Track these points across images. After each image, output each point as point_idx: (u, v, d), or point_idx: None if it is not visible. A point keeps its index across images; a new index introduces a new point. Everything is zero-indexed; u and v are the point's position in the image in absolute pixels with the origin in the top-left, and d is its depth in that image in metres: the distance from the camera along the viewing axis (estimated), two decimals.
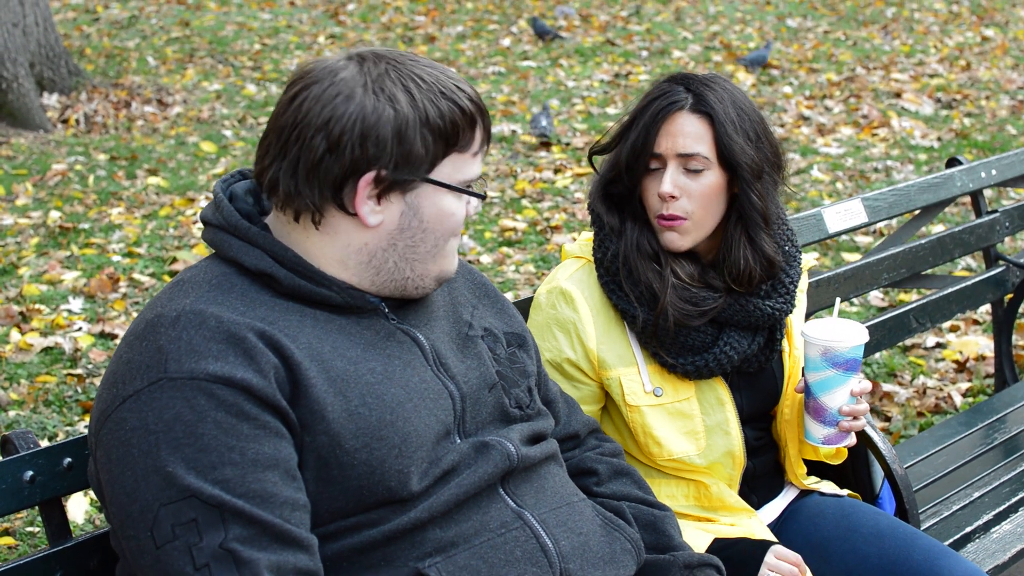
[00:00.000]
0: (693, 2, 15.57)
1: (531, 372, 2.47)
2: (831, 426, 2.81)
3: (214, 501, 1.96)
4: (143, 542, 1.98)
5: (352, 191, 2.15)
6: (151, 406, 2.00)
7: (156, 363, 2.03)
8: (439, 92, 2.16)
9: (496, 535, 2.18)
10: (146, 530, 1.97)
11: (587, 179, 8.73)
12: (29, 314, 6.33)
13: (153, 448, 1.98)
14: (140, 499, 1.98)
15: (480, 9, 14.86)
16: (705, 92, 2.82)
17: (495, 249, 7.34)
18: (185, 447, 1.98)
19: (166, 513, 1.96)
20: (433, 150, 2.16)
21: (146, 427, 2.00)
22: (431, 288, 2.29)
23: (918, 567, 2.84)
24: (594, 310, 2.89)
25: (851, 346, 2.74)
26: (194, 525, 1.95)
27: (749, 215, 2.86)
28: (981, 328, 6.20)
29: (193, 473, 1.97)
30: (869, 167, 8.99)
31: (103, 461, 2.06)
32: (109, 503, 2.05)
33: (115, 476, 2.02)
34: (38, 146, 9.58)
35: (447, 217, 2.22)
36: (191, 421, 1.99)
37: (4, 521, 4.56)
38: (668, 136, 2.81)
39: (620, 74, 12.00)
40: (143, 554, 1.98)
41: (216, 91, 11.38)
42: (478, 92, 2.26)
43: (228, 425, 2.00)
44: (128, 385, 2.04)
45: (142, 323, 2.11)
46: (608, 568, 2.29)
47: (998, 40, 13.56)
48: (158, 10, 14.70)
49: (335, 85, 2.13)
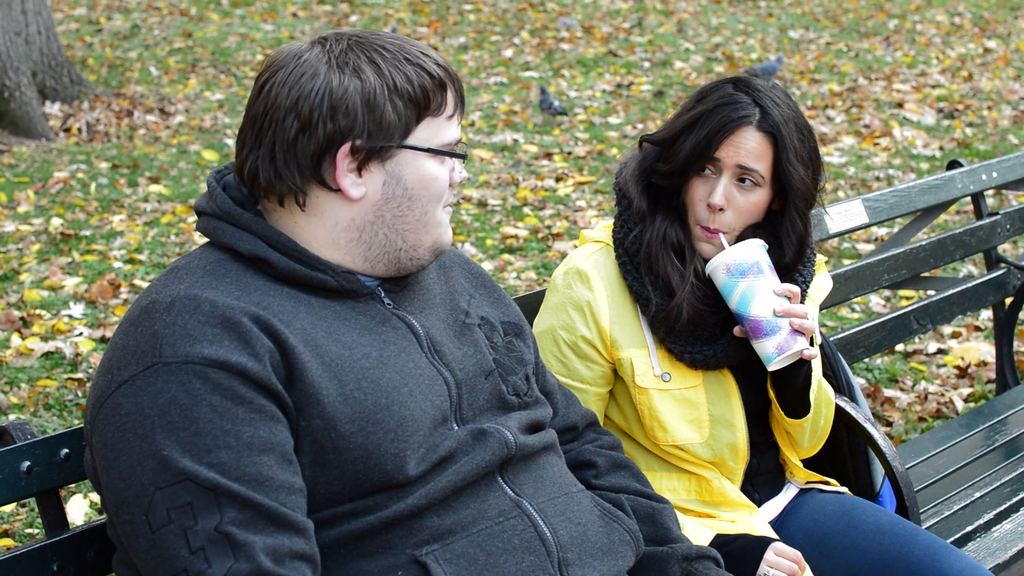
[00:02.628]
0: (695, 14, 15.60)
1: (528, 360, 2.46)
2: (774, 333, 2.75)
3: (209, 484, 1.96)
4: (139, 526, 1.98)
5: (331, 166, 2.16)
6: (146, 391, 2.00)
7: (151, 348, 2.03)
8: (404, 59, 2.18)
9: (494, 523, 2.17)
10: (141, 514, 1.97)
11: (587, 187, 8.73)
12: (30, 319, 6.33)
13: (148, 432, 1.98)
14: (136, 483, 1.98)
15: (483, 21, 14.89)
16: (771, 109, 2.81)
17: (496, 256, 7.34)
18: (180, 431, 1.98)
19: (161, 497, 1.96)
20: (405, 116, 2.17)
21: (141, 411, 1.99)
22: (427, 259, 2.29)
23: (919, 563, 2.83)
24: (609, 290, 2.89)
25: (746, 251, 2.75)
26: (189, 508, 1.95)
27: (788, 238, 2.88)
28: (983, 335, 6.20)
29: (188, 457, 1.96)
30: (871, 176, 8.99)
31: (99, 447, 2.05)
32: (105, 488, 2.05)
33: (111, 461, 2.02)
34: (40, 154, 9.59)
35: (431, 182, 2.23)
36: (186, 405, 1.98)
37: (4, 523, 4.56)
38: (732, 146, 2.80)
39: (622, 84, 12.01)
40: (138, 538, 1.98)
41: (218, 101, 11.39)
42: (446, 60, 2.27)
43: (223, 409, 1.99)
44: (123, 370, 2.04)
45: (137, 309, 2.11)
46: (606, 558, 2.28)
47: (1000, 51, 13.58)
48: (161, 21, 14.72)
49: (300, 67, 2.16)
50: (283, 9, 15.32)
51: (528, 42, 13.80)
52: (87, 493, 4.68)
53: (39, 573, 2.35)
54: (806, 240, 2.90)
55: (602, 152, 9.62)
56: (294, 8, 15.43)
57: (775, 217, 2.89)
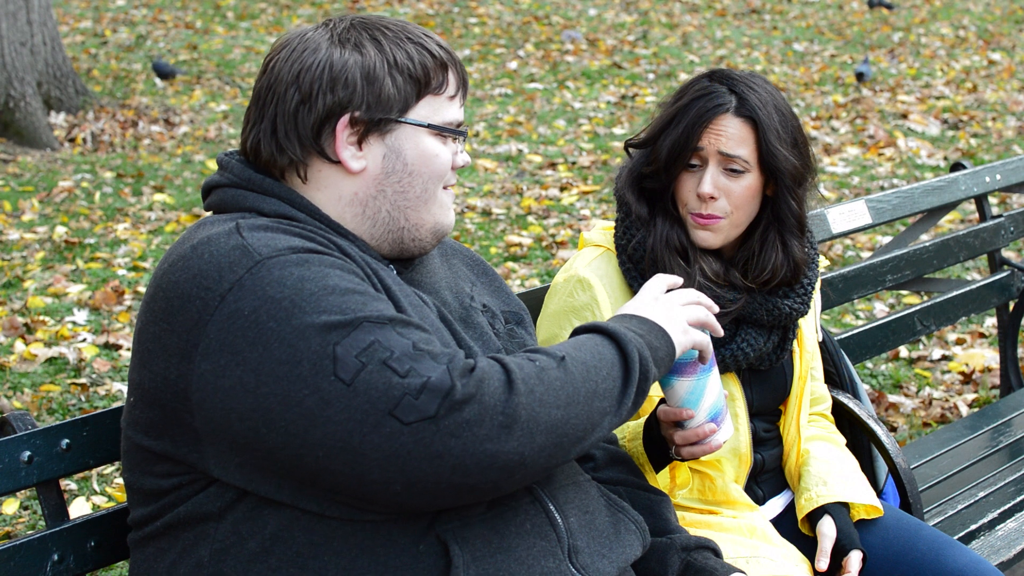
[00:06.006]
0: (700, 27, 15.61)
1: (531, 347, 2.45)
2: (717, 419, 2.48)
3: (384, 318, 1.96)
4: (327, 393, 1.91)
5: (331, 137, 2.18)
6: (265, 282, 1.97)
7: (243, 255, 2.00)
8: (405, 38, 2.21)
9: (507, 507, 2.16)
10: (327, 377, 1.91)
11: (592, 196, 8.74)
12: (34, 325, 6.33)
13: (291, 309, 1.95)
14: (305, 357, 1.92)
15: (487, 34, 14.90)
16: (748, 94, 2.82)
17: (500, 264, 7.34)
18: (326, 296, 1.96)
19: (343, 349, 1.92)
20: (405, 91, 2.20)
21: (271, 299, 1.95)
22: (429, 242, 2.30)
23: (922, 557, 2.82)
24: (612, 297, 2.87)
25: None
26: (377, 344, 1.93)
27: (785, 219, 2.87)
28: (987, 341, 6.19)
29: (348, 311, 1.95)
30: (875, 185, 8.99)
31: (223, 364, 1.97)
32: (252, 394, 1.95)
33: (256, 360, 1.94)
34: (45, 164, 9.60)
35: (431, 158, 2.24)
36: (317, 277, 1.98)
37: (6, 525, 4.55)
38: (712, 135, 2.81)
39: (627, 96, 12.02)
40: (331, 404, 1.91)
41: (223, 111, 11.41)
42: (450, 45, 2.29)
43: (352, 277, 2.01)
44: (218, 285, 1.99)
45: (186, 248, 2.08)
46: (615, 546, 2.27)
47: (1005, 64, 13.58)
48: (166, 34, 14.75)
49: (303, 43, 2.20)
50: (288, 22, 15.35)
51: (533, 54, 13.81)
52: (89, 496, 4.68)
53: (39, 563, 2.35)
54: (803, 221, 2.90)
55: (606, 162, 9.62)
56: (299, 21, 15.46)
57: (774, 204, 2.88)
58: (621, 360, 2.13)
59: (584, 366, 2.07)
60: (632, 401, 2.12)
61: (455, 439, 1.91)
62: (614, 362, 2.12)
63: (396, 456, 1.91)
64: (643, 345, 2.16)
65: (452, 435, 1.91)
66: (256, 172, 2.22)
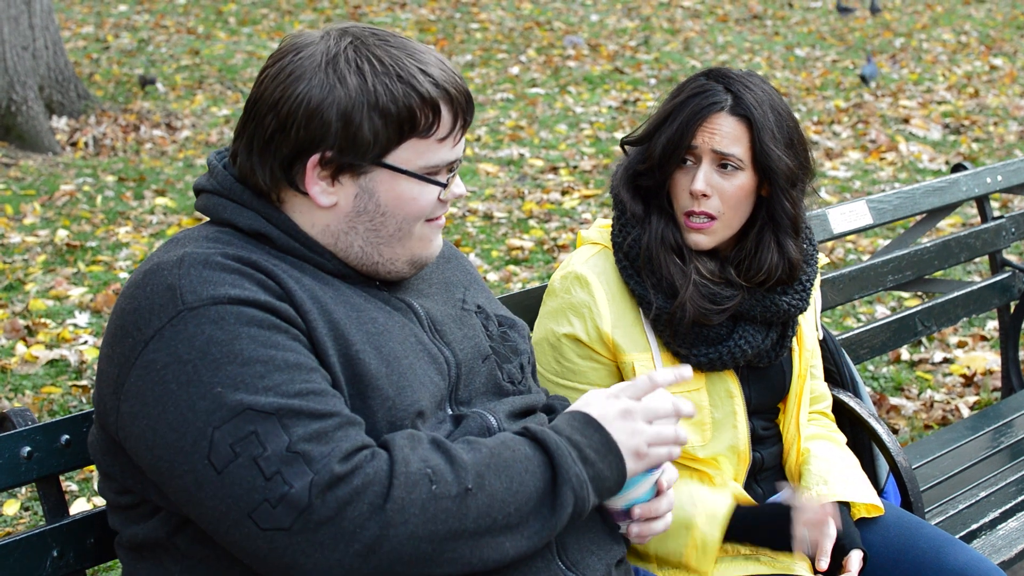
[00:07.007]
0: (702, 32, 15.62)
1: (523, 351, 2.45)
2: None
3: (270, 408, 1.91)
4: (202, 474, 1.91)
5: (302, 171, 2.13)
6: (178, 338, 1.95)
7: (170, 300, 1.99)
8: (395, 75, 2.11)
9: None
10: (203, 459, 1.91)
11: (593, 200, 8.74)
12: (35, 328, 6.33)
13: (192, 376, 1.93)
14: (190, 430, 1.92)
15: (489, 39, 14.92)
16: (744, 93, 2.81)
17: (502, 267, 7.34)
18: (225, 366, 1.93)
19: (221, 435, 1.90)
20: (385, 135, 2.11)
21: (179, 359, 1.94)
22: (406, 272, 2.26)
23: (923, 555, 2.82)
24: (610, 294, 2.87)
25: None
26: (254, 437, 1.90)
27: (780, 220, 2.85)
28: (989, 344, 6.19)
29: (241, 389, 1.92)
30: (877, 189, 8.99)
31: (135, 411, 1.98)
32: (150, 451, 1.97)
33: (155, 419, 1.95)
34: (47, 168, 9.61)
35: (407, 201, 2.17)
36: (225, 340, 1.94)
37: (7, 526, 4.55)
38: (706, 133, 2.80)
39: (628, 100, 12.03)
40: (203, 487, 1.92)
41: (225, 116, 11.42)
42: (456, 73, 2.20)
43: (263, 337, 1.97)
44: (145, 328, 1.99)
45: (139, 274, 2.08)
46: (604, 543, 2.27)
47: (1006, 69, 13.59)
48: (168, 39, 14.76)
49: (293, 63, 2.12)
50: (290, 27, 15.36)
51: (535, 60, 13.83)
52: (90, 497, 4.68)
53: (39, 559, 2.35)
54: (799, 222, 2.88)
55: (608, 166, 9.62)
56: (301, 27, 15.47)
57: (768, 205, 2.87)
58: (550, 498, 2.03)
59: (491, 500, 1.98)
60: (551, 533, 2.04)
61: (306, 557, 1.89)
62: (543, 499, 2.03)
63: (254, 555, 1.93)
64: (585, 481, 2.05)
65: (303, 552, 1.89)
66: (237, 181, 2.19)
